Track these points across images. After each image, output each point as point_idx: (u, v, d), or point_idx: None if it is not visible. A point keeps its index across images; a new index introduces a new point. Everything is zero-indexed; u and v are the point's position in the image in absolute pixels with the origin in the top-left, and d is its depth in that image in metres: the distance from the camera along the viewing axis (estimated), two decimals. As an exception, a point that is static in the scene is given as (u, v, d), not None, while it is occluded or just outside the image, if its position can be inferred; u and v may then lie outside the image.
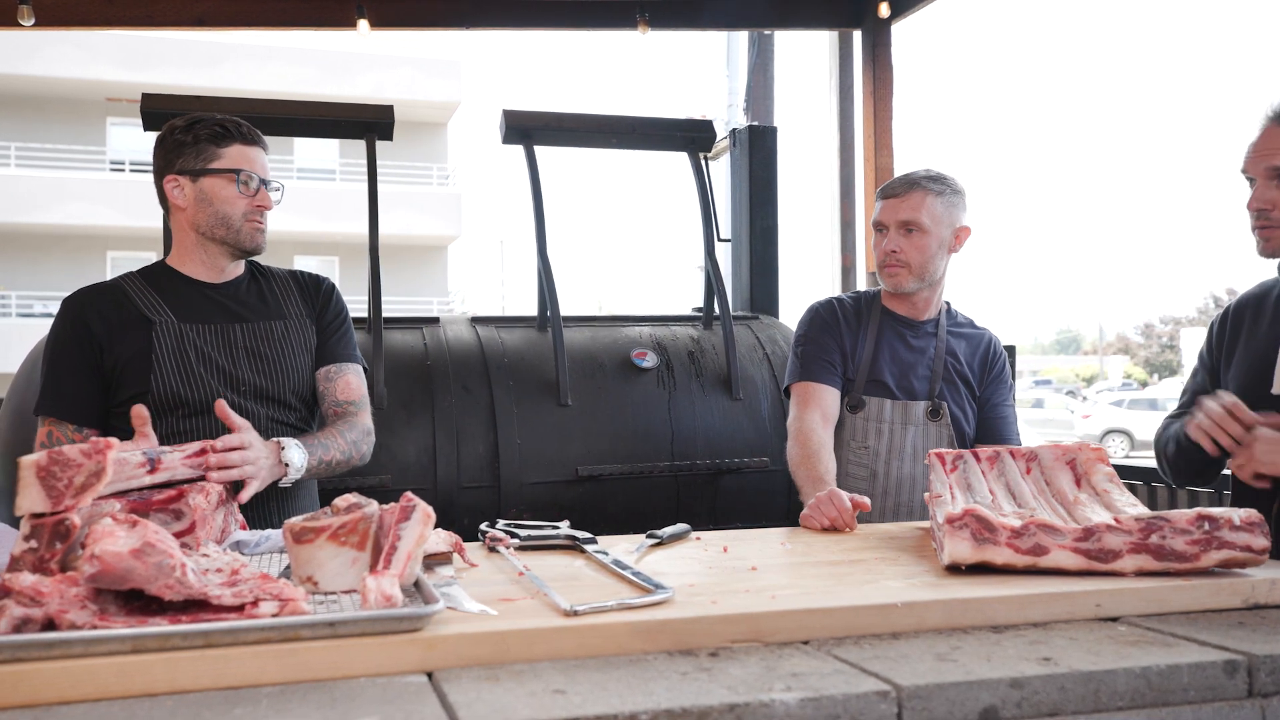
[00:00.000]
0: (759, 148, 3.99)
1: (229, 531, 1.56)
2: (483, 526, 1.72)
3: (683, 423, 3.22)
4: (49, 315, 17.64)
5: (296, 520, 1.27)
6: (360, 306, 3.23)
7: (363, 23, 3.97)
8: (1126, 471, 3.62)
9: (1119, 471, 3.51)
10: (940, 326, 2.42)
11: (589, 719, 0.93)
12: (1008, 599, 1.27)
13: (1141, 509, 1.51)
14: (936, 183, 2.34)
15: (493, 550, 1.61)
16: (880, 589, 1.32)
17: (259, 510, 1.94)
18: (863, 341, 2.40)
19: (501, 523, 1.73)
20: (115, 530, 1.09)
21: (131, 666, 0.99)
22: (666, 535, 1.71)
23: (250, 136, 2.03)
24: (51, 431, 1.96)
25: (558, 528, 1.69)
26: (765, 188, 3.98)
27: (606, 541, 1.68)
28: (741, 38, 5.54)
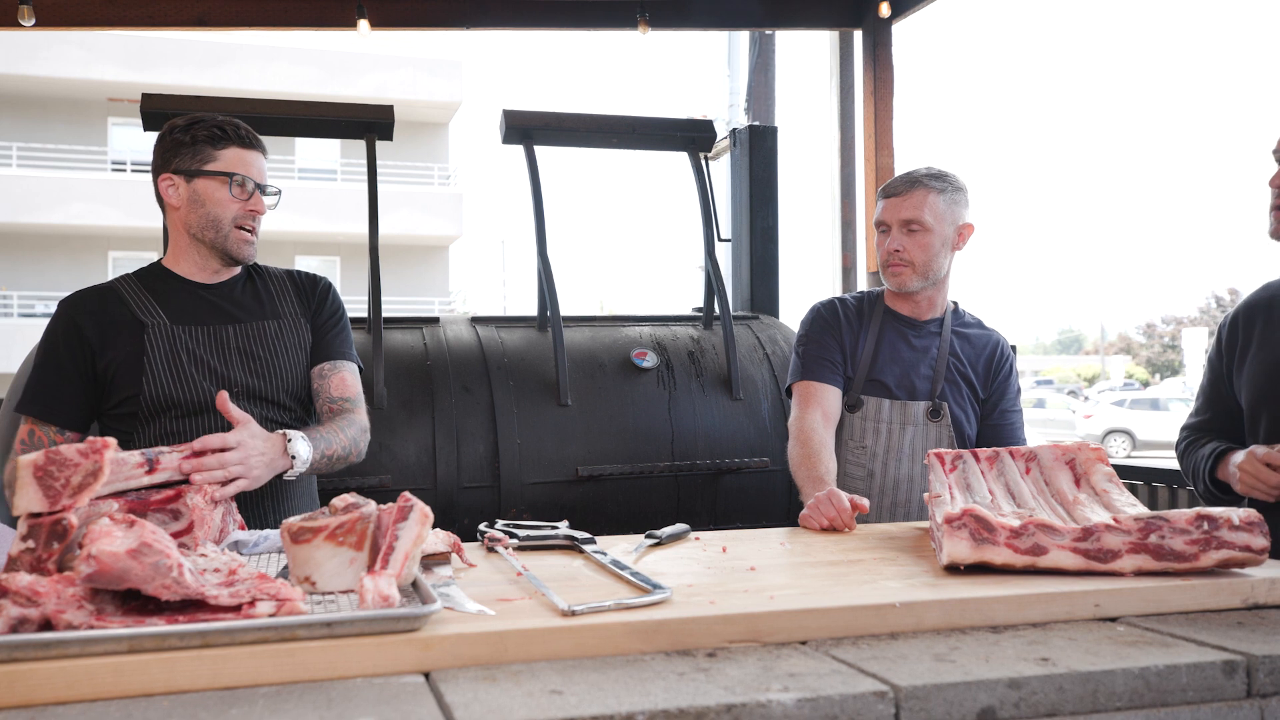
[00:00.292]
0: (759, 147, 3.99)
1: (227, 531, 1.56)
2: (481, 527, 1.72)
3: (683, 423, 3.22)
4: (50, 315, 17.55)
5: (294, 520, 1.27)
6: (362, 307, 3.24)
7: (363, 23, 3.98)
8: (1127, 471, 3.61)
9: (1120, 471, 3.55)
10: (945, 326, 2.41)
11: (585, 719, 0.93)
12: (1006, 599, 1.26)
13: (1141, 509, 1.51)
14: (938, 180, 2.33)
15: (491, 550, 1.61)
16: (879, 589, 1.32)
17: (258, 510, 1.94)
18: (864, 341, 2.39)
19: (500, 523, 1.73)
20: (112, 530, 1.09)
21: (128, 666, 0.99)
22: (665, 535, 1.71)
23: (248, 140, 2.02)
24: (33, 431, 1.95)
25: (556, 528, 1.69)
26: (765, 187, 3.98)
27: (605, 542, 1.68)
28: (742, 37, 5.54)
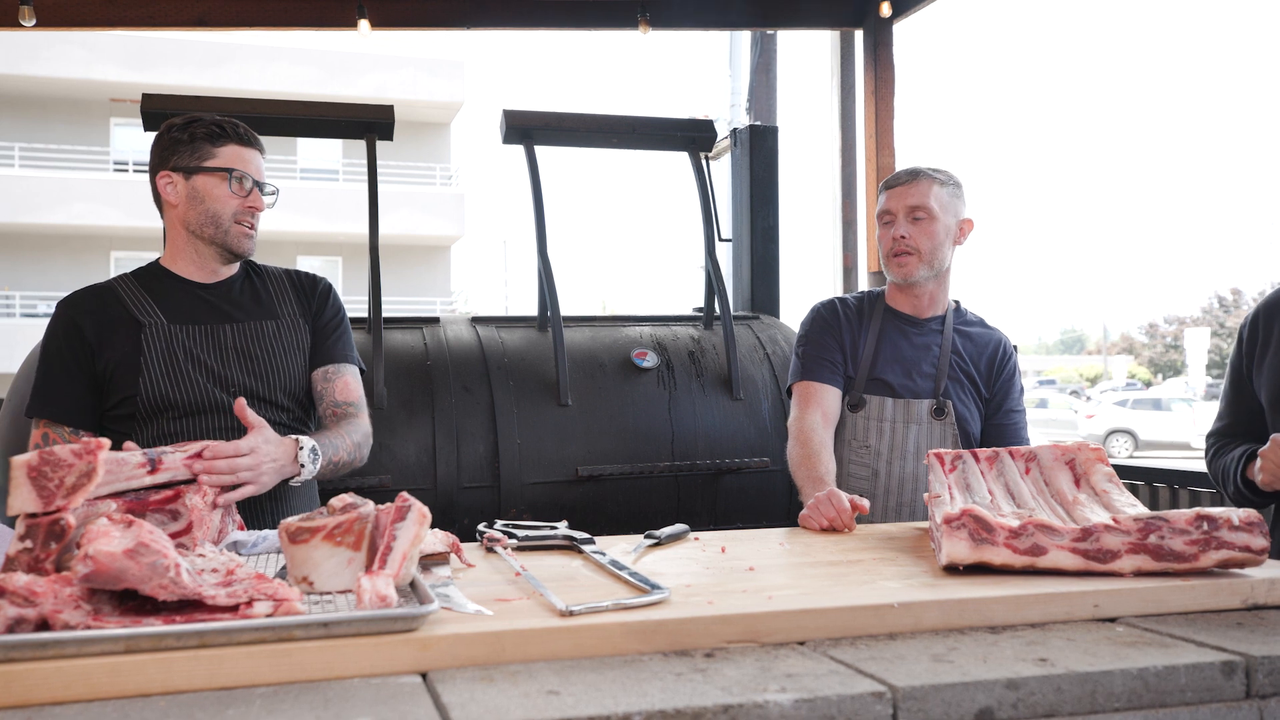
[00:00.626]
0: (760, 147, 3.98)
1: (226, 531, 1.56)
2: (481, 527, 1.71)
3: (683, 423, 3.21)
4: (50, 319, 17.57)
5: (292, 520, 1.27)
6: (364, 307, 3.24)
7: (363, 23, 3.97)
8: (1128, 472, 3.60)
9: (1121, 472, 3.54)
10: (946, 324, 2.41)
11: (582, 719, 0.92)
12: (1005, 599, 1.26)
13: (1141, 509, 1.51)
14: (939, 173, 2.38)
15: (490, 551, 1.61)
16: (877, 589, 1.32)
17: (257, 510, 1.94)
18: (864, 340, 2.39)
19: (499, 523, 1.73)
20: (110, 530, 1.09)
21: (125, 667, 0.99)
22: (665, 536, 1.71)
23: (247, 138, 2.02)
24: (47, 434, 1.96)
25: (555, 528, 1.68)
26: (766, 187, 3.98)
27: (605, 542, 1.68)
28: (744, 37, 5.54)
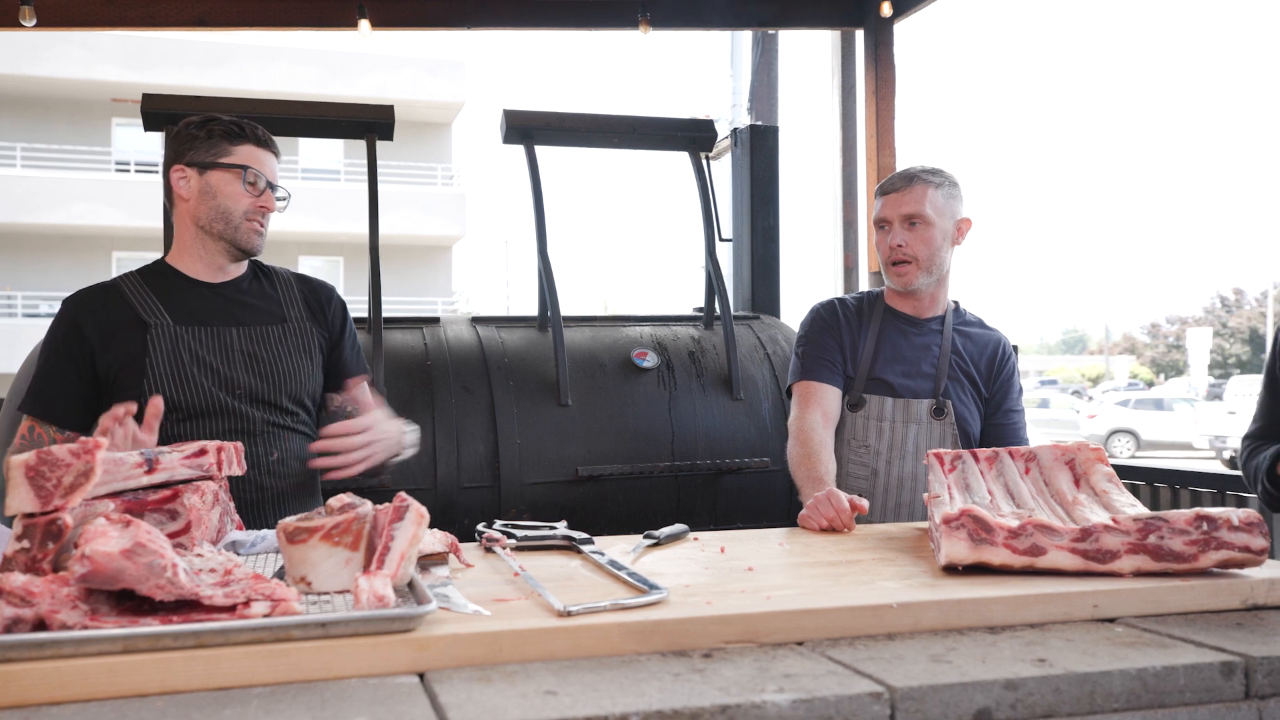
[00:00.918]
0: (760, 147, 3.98)
1: (225, 531, 1.56)
2: (480, 527, 1.71)
3: (683, 423, 3.21)
4: (53, 315, 17.61)
5: (290, 520, 1.27)
6: (364, 307, 3.24)
7: (364, 23, 3.97)
8: (1129, 472, 3.60)
9: (1122, 472, 3.54)
10: (946, 324, 2.40)
11: (579, 719, 0.92)
12: (1004, 600, 1.26)
13: (1141, 509, 1.50)
14: (935, 175, 2.34)
15: (489, 551, 1.61)
16: (876, 589, 1.32)
17: (256, 510, 1.93)
18: (864, 340, 2.38)
19: (499, 523, 1.73)
20: (107, 530, 1.09)
21: (122, 667, 0.98)
22: (664, 536, 1.70)
23: (264, 140, 2.05)
24: (34, 427, 1.95)
25: (555, 528, 1.68)
26: (766, 187, 3.98)
27: (604, 542, 1.68)
28: (745, 37, 5.53)
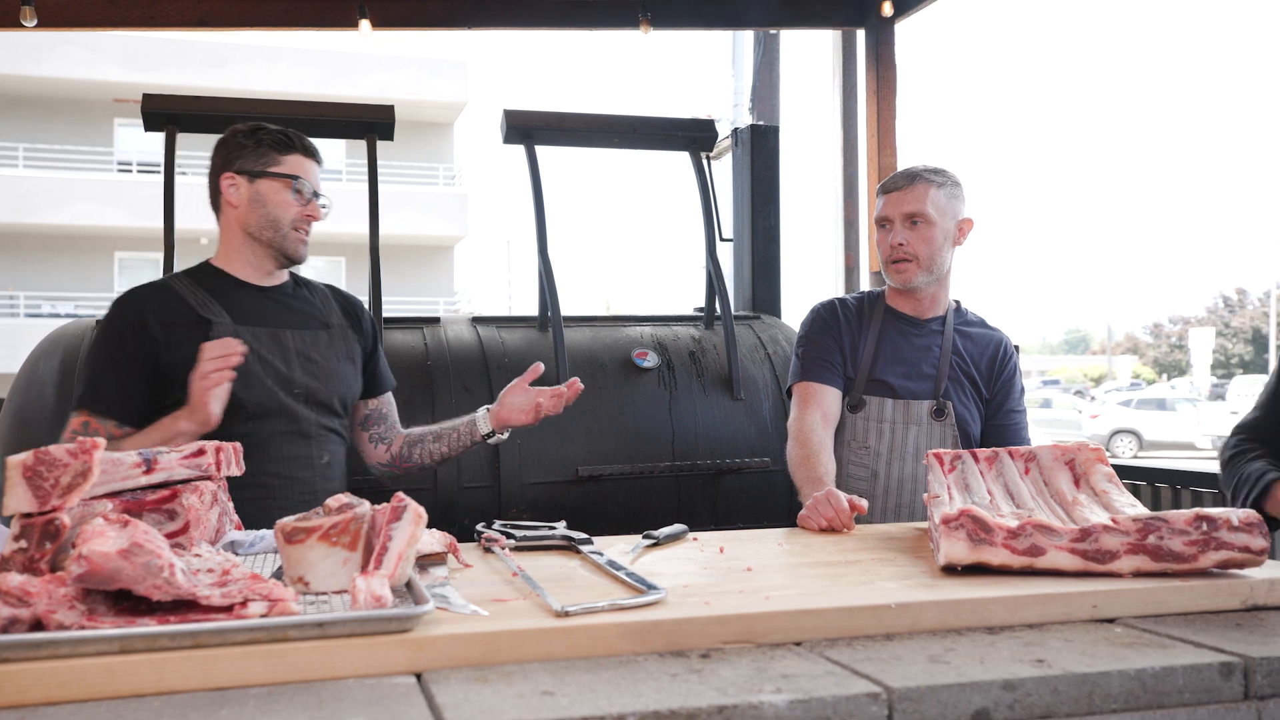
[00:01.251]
0: (761, 147, 3.98)
1: (223, 531, 1.56)
2: (479, 527, 1.71)
3: (684, 423, 3.21)
4: (56, 315, 17.71)
5: (288, 520, 1.27)
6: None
7: (364, 23, 3.97)
8: (1131, 472, 3.59)
9: (1123, 472, 3.53)
10: (946, 324, 2.39)
11: (576, 720, 0.92)
12: (1003, 600, 1.26)
13: (1141, 509, 1.50)
14: (937, 175, 2.32)
15: (488, 551, 1.61)
16: (875, 590, 1.31)
17: (255, 510, 1.93)
18: (864, 341, 2.37)
19: (498, 523, 1.73)
20: (105, 530, 1.09)
21: (119, 667, 0.98)
22: (663, 536, 1.70)
23: (310, 150, 2.11)
24: (88, 423, 1.95)
25: (554, 528, 1.68)
26: (767, 187, 3.97)
27: (603, 542, 1.67)
28: (746, 37, 5.53)
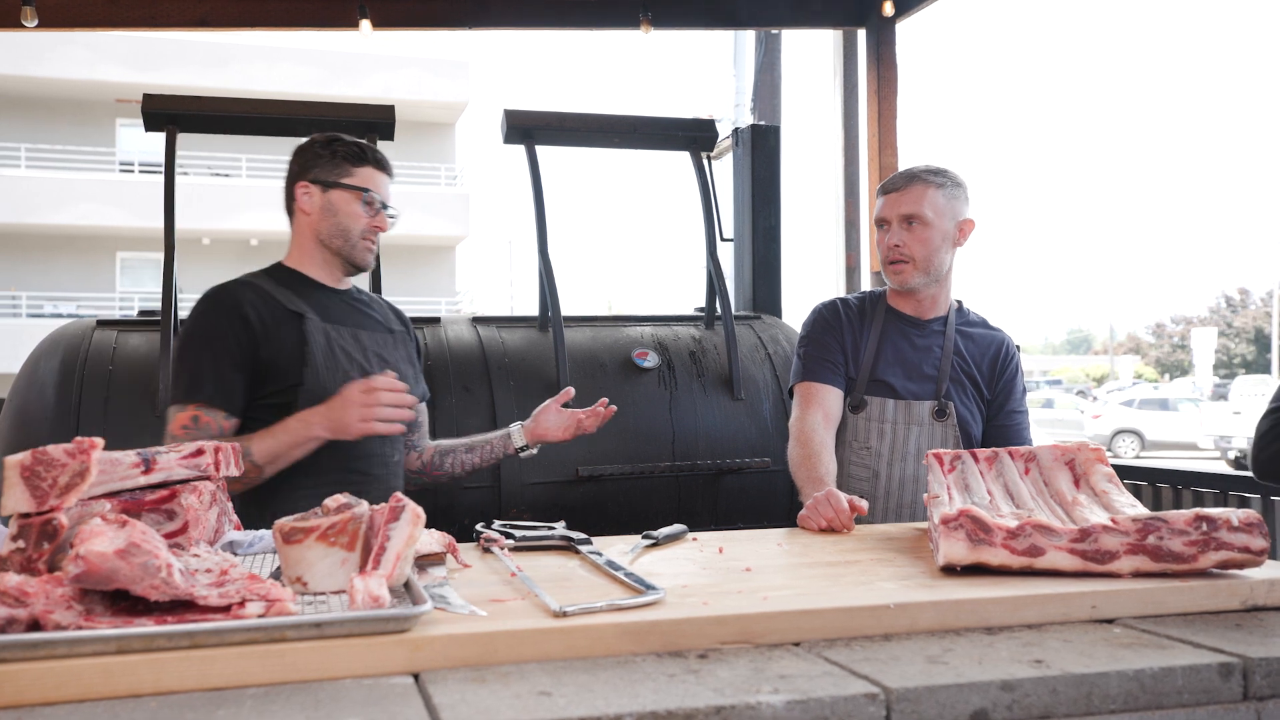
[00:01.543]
0: (761, 147, 3.97)
1: (222, 531, 1.56)
2: (478, 527, 1.71)
3: (684, 423, 3.21)
4: (58, 316, 17.72)
5: (286, 520, 1.27)
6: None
7: (365, 23, 3.97)
8: (1131, 472, 3.59)
9: (1124, 472, 3.52)
10: (948, 325, 2.38)
11: (573, 721, 0.92)
12: (1002, 600, 1.25)
13: (1141, 510, 1.50)
14: (937, 175, 2.31)
15: (487, 551, 1.60)
16: (874, 590, 1.31)
17: (254, 510, 1.94)
18: (866, 341, 2.37)
19: (497, 523, 1.72)
20: (102, 530, 1.08)
21: (116, 667, 0.98)
22: (662, 536, 1.70)
23: (382, 163, 2.17)
24: (198, 416, 1.97)
25: (553, 528, 1.68)
26: (768, 187, 3.97)
27: (602, 542, 1.67)
28: (747, 37, 5.53)
